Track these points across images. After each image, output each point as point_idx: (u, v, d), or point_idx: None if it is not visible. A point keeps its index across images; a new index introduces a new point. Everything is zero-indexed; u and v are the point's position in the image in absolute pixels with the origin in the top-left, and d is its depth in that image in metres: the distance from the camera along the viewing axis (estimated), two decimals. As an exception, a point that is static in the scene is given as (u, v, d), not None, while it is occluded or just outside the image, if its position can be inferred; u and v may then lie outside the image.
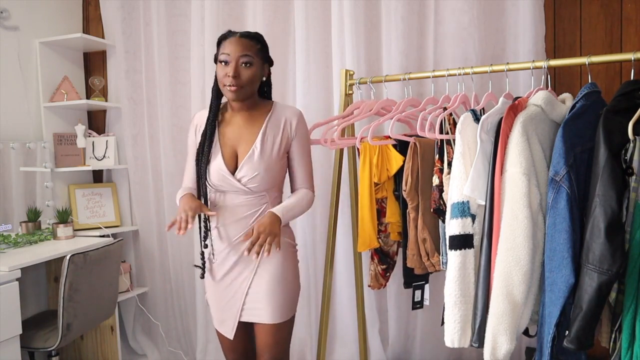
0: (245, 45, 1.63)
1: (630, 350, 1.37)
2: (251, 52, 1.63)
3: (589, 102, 1.50)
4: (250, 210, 1.70)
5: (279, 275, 1.71)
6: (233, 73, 1.60)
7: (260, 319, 1.71)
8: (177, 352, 2.98)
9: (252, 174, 1.66)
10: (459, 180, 1.59)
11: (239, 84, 1.62)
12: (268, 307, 1.70)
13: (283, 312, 1.72)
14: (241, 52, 1.61)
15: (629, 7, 2.21)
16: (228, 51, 1.62)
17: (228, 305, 1.75)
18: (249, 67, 1.62)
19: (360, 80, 2.14)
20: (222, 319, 1.78)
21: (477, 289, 1.56)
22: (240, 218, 1.70)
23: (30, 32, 2.80)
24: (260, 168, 1.66)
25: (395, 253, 2.17)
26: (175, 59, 2.88)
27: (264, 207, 1.71)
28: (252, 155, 1.66)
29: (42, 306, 2.67)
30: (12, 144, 2.59)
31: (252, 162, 1.66)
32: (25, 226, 2.57)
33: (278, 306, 1.70)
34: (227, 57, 1.62)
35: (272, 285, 1.70)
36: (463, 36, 2.36)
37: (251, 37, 1.66)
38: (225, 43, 1.64)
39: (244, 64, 1.62)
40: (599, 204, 1.36)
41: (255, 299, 1.71)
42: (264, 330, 1.72)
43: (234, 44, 1.62)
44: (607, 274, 1.33)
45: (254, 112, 1.73)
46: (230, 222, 1.70)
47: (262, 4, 2.63)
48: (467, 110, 1.66)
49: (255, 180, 1.66)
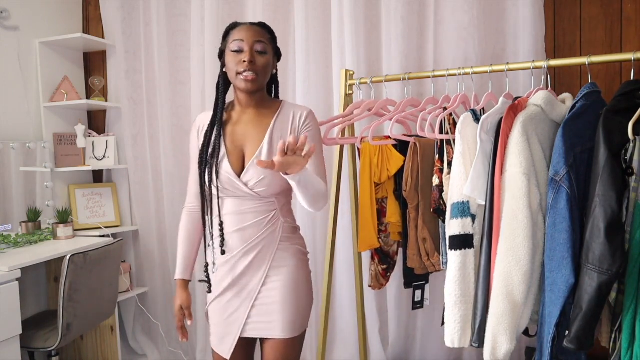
0: (258, 31, 1.55)
1: (630, 350, 1.37)
2: (264, 38, 1.54)
3: (589, 102, 1.50)
4: (258, 217, 1.55)
5: (292, 284, 1.57)
6: (249, 58, 1.49)
7: (270, 333, 1.56)
8: (177, 352, 2.98)
9: (259, 177, 1.51)
10: (459, 180, 1.59)
11: (255, 70, 1.50)
12: (280, 319, 1.54)
13: (296, 325, 1.56)
14: (255, 38, 1.52)
15: (629, 7, 2.21)
16: (241, 37, 1.52)
17: (229, 320, 1.59)
18: (263, 55, 1.53)
19: (361, 81, 2.14)
20: (221, 336, 1.61)
21: (477, 289, 1.56)
22: (246, 226, 1.54)
23: (30, 32, 2.80)
24: (267, 171, 1.49)
25: (395, 253, 2.17)
26: (175, 59, 2.89)
27: (272, 213, 1.56)
28: (260, 156, 1.53)
29: (42, 306, 2.67)
30: (12, 144, 2.60)
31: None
32: (25, 226, 2.57)
33: (291, 319, 1.55)
34: (240, 43, 1.51)
35: (285, 295, 1.56)
36: (463, 36, 2.36)
37: (262, 26, 1.59)
38: (236, 31, 1.55)
39: (258, 52, 1.52)
40: (599, 204, 1.36)
41: (265, 311, 1.56)
42: (274, 346, 1.56)
43: (247, 30, 1.53)
44: (607, 274, 1.33)
45: (262, 110, 1.59)
46: (236, 229, 1.55)
47: (262, 4, 2.63)
48: (467, 110, 1.66)
49: (262, 183, 1.52)
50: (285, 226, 1.59)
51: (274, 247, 1.57)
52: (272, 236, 1.57)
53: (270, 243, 1.57)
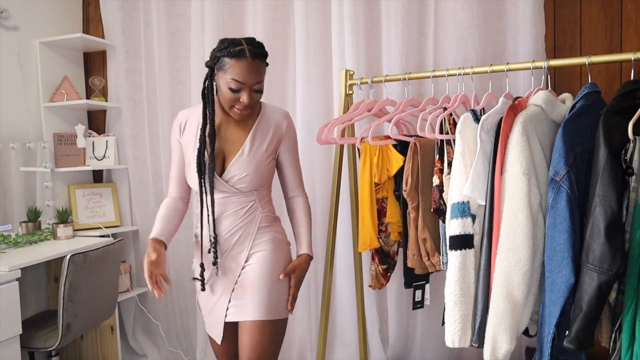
0: (257, 71, 1.55)
1: (630, 350, 1.37)
2: (261, 74, 1.58)
3: (589, 102, 1.50)
4: (236, 207, 1.67)
5: (266, 268, 1.65)
6: (248, 102, 1.56)
7: (243, 316, 1.62)
8: (177, 352, 2.98)
9: (242, 174, 1.63)
10: (459, 180, 1.59)
11: (250, 108, 1.60)
12: (251, 302, 1.61)
13: (270, 309, 1.61)
14: (255, 80, 1.55)
15: (629, 7, 2.21)
16: (242, 79, 1.53)
17: (216, 307, 1.69)
18: (259, 93, 1.60)
19: (361, 80, 2.14)
20: (212, 321, 1.72)
21: (477, 289, 1.56)
22: (229, 213, 1.66)
23: (30, 32, 2.80)
24: (249, 168, 1.63)
25: (395, 253, 2.17)
26: (175, 59, 2.88)
27: (251, 204, 1.67)
28: (241, 155, 1.64)
29: (42, 306, 2.67)
30: (12, 144, 2.59)
31: (241, 163, 1.63)
32: (25, 226, 2.57)
33: (262, 301, 1.60)
34: (240, 85, 1.54)
35: (258, 279, 1.63)
36: (463, 36, 2.36)
37: (261, 57, 1.58)
38: (237, 67, 1.53)
39: (255, 91, 1.58)
40: (599, 204, 1.36)
41: (240, 294, 1.64)
42: (245, 328, 1.61)
43: (247, 72, 1.53)
44: (607, 274, 1.33)
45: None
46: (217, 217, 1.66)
47: (262, 4, 2.63)
48: (467, 110, 1.66)
49: (244, 180, 1.63)
50: (264, 216, 1.71)
51: (252, 234, 1.68)
52: (250, 224, 1.68)
53: (249, 230, 1.68)
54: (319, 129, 2.07)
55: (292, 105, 2.68)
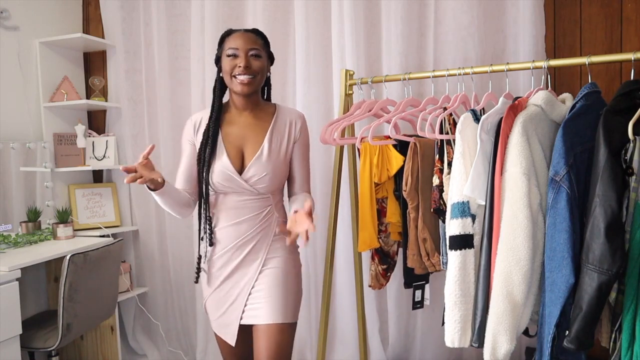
0: (252, 38, 1.66)
1: (630, 350, 1.37)
2: (258, 45, 1.66)
3: (589, 102, 1.50)
4: (254, 212, 1.68)
5: (281, 274, 1.68)
6: (245, 64, 1.61)
7: (259, 319, 1.65)
8: (177, 352, 2.98)
9: (262, 174, 1.64)
10: (459, 180, 1.59)
11: (250, 73, 1.62)
12: (266, 306, 1.65)
13: (284, 312, 1.65)
14: (250, 45, 1.64)
15: (629, 7, 2.21)
16: (236, 45, 1.63)
17: (230, 309, 1.71)
18: (258, 59, 1.65)
19: (362, 80, 2.14)
20: (225, 324, 1.73)
21: (477, 289, 1.56)
22: (243, 220, 1.67)
23: (30, 32, 2.80)
24: (268, 168, 1.65)
25: (395, 253, 2.17)
26: (175, 59, 2.89)
27: (267, 209, 1.69)
28: (261, 155, 1.65)
29: (42, 306, 2.67)
30: (12, 144, 2.59)
31: (261, 162, 1.65)
32: (25, 226, 2.57)
33: (277, 305, 1.65)
34: (235, 50, 1.63)
35: (273, 282, 1.67)
36: (463, 36, 2.36)
37: (255, 32, 1.70)
38: (231, 38, 1.66)
39: (252, 56, 1.64)
40: (599, 204, 1.36)
41: (255, 298, 1.67)
42: (262, 331, 1.64)
43: (241, 38, 1.64)
44: (607, 274, 1.33)
45: (258, 112, 1.72)
46: (232, 224, 1.68)
47: (262, 4, 2.63)
48: (467, 110, 1.66)
49: (264, 180, 1.65)
50: (279, 221, 1.72)
51: (269, 240, 1.70)
52: (267, 230, 1.70)
53: (266, 237, 1.70)
54: (323, 128, 2.07)
55: (292, 105, 2.67)
